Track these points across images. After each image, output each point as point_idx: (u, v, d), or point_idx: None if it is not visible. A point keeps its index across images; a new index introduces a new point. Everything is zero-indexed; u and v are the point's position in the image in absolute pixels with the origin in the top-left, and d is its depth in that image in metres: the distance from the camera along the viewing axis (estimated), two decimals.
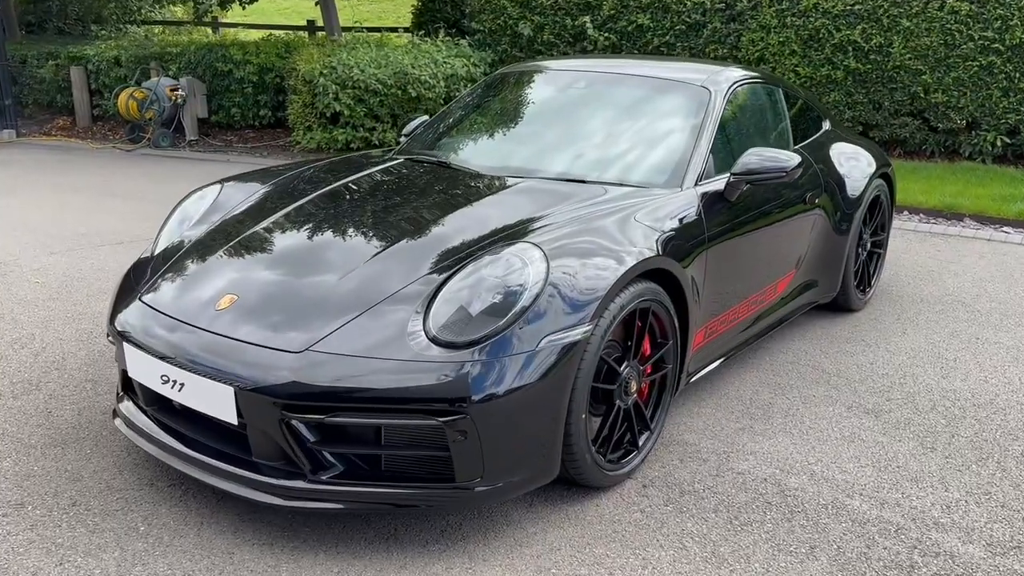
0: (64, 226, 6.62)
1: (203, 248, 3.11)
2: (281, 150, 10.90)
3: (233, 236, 3.14)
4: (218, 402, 2.47)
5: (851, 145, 4.76)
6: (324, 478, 2.43)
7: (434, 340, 2.43)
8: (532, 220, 2.96)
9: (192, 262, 3.02)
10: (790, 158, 3.38)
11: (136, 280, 3.07)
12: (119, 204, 7.63)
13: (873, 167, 4.70)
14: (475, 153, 3.84)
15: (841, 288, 4.55)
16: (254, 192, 3.51)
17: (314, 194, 3.39)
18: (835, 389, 3.76)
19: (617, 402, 2.82)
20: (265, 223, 3.20)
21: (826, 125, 4.81)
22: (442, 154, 3.88)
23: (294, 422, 2.40)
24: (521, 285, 2.53)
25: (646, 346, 2.95)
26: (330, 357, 2.41)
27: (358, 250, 2.90)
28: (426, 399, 2.34)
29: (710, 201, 3.33)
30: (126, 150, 11.12)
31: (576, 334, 2.52)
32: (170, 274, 2.98)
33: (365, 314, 2.53)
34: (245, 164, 9.81)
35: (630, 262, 2.73)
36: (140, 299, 2.88)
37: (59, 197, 7.89)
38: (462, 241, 2.85)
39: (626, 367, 2.82)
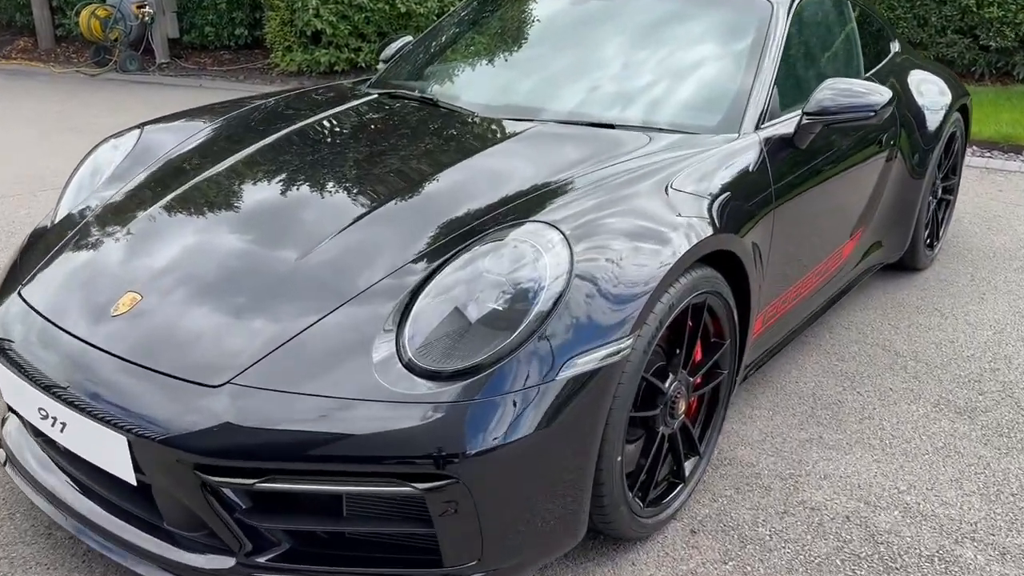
0: (6, 166, 5.82)
1: (109, 218, 2.35)
2: (259, 73, 9.97)
3: (151, 200, 2.38)
4: (108, 453, 1.76)
5: (925, 72, 3.94)
6: (262, 560, 1.73)
7: (410, 367, 1.70)
8: (544, 186, 2.19)
9: (92, 239, 2.27)
10: (878, 93, 2.58)
11: (24, 263, 2.32)
12: (74, 139, 6.79)
13: (949, 98, 3.89)
14: (469, 87, 3.04)
15: (909, 244, 3.80)
16: (185, 139, 2.73)
17: (253, 147, 2.60)
18: (915, 379, 3.06)
19: (660, 429, 2.11)
20: (194, 182, 2.44)
21: (895, 47, 3.98)
22: (427, 87, 3.07)
23: (216, 486, 1.69)
24: (534, 282, 1.79)
25: (697, 351, 2.23)
26: (261, 395, 1.68)
27: (313, 228, 2.14)
28: (398, 458, 1.63)
29: (775, 148, 2.55)
30: (91, 75, 10.19)
31: (612, 351, 1.79)
32: (63, 256, 2.23)
33: (316, 326, 1.80)
34: (220, 90, 8.92)
35: (683, 245, 1.98)
36: (19, 293, 2.14)
37: (8, 131, 7.05)
38: (449, 218, 2.09)
39: (672, 383, 2.10)
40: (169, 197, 2.38)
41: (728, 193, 2.28)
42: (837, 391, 2.96)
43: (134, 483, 1.77)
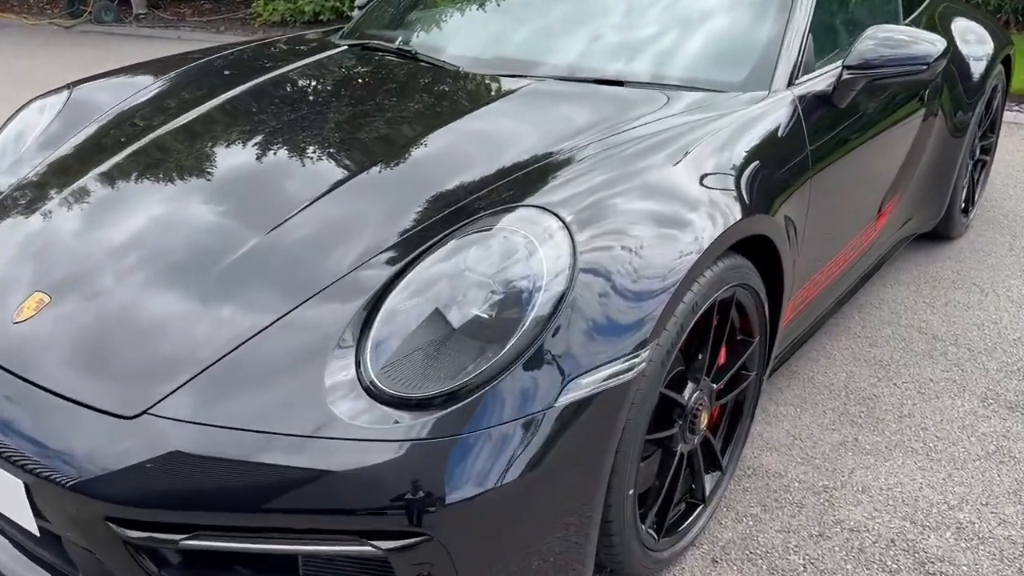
0: None
1: (26, 196, 1.99)
2: (241, 24, 9.46)
3: (79, 172, 2.02)
4: (4, 495, 1.43)
5: (966, 18, 3.54)
6: None
7: (373, 392, 1.36)
8: (542, 158, 1.82)
9: (10, 219, 1.91)
10: (930, 42, 2.20)
11: None
12: None
13: (992, 47, 3.49)
14: (454, 38, 2.63)
15: (945, 211, 3.44)
16: (125, 99, 2.36)
17: (199, 110, 2.23)
18: (957, 367, 2.72)
19: (678, 448, 1.78)
20: (129, 151, 2.07)
21: None
22: (406, 38, 2.67)
23: (132, 541, 1.36)
24: (529, 281, 1.44)
25: (721, 353, 1.89)
26: (184, 430, 1.34)
27: (272, 203, 1.80)
28: (355, 511, 1.30)
29: (811, 108, 2.18)
30: (64, 26, 9.69)
31: (625, 366, 1.45)
32: None
33: (258, 339, 1.45)
34: (199, 41, 8.43)
35: (710, 232, 1.63)
36: None
37: None
38: (434, 194, 1.74)
39: (693, 393, 1.77)
40: (103, 167, 2.02)
41: (758, 163, 1.92)
42: (871, 382, 2.63)
43: (36, 532, 1.44)
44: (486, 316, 1.42)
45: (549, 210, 1.54)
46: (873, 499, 2.13)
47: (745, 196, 1.80)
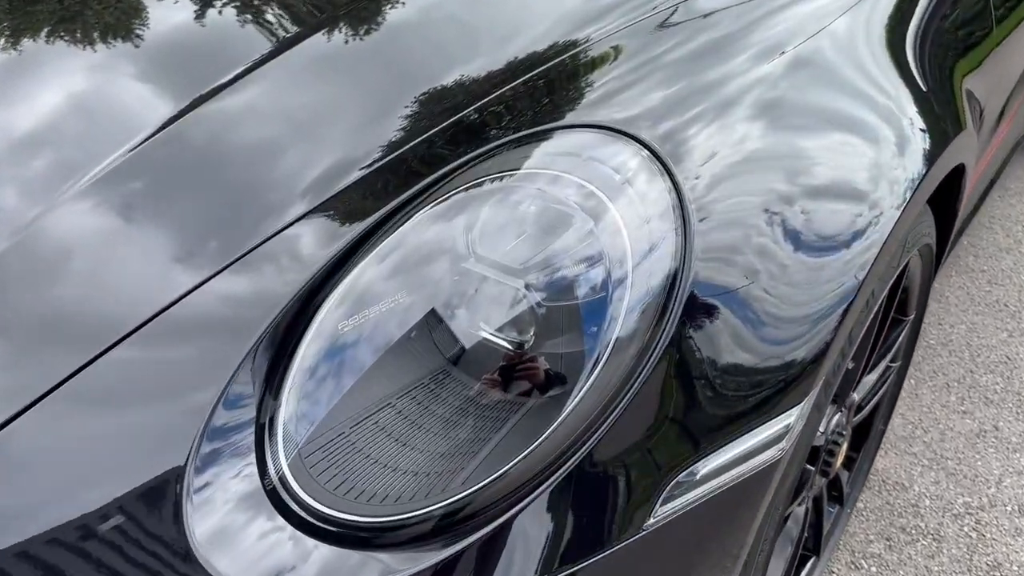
0: None
1: None
2: None
3: None
4: None
5: None
6: None
7: (281, 502, 0.67)
8: (563, 49, 1.02)
9: None
10: None
11: None
12: None
13: None
14: None
15: None
16: None
17: None
18: None
19: (803, 505, 1.13)
20: None
21: None
22: None
23: None
24: (596, 270, 0.73)
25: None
26: None
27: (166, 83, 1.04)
28: None
29: None
30: None
31: (776, 431, 0.77)
32: None
33: (76, 380, 0.74)
34: None
35: (906, 178, 0.91)
36: None
37: None
38: (419, 95, 0.98)
39: (832, 419, 1.09)
40: None
41: (931, 44, 1.18)
42: (1000, 339, 1.98)
43: None
44: (510, 345, 0.72)
45: (620, 131, 0.81)
46: None
47: (932, 103, 1.07)
